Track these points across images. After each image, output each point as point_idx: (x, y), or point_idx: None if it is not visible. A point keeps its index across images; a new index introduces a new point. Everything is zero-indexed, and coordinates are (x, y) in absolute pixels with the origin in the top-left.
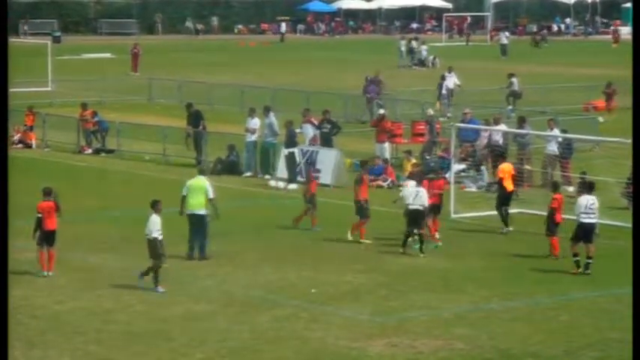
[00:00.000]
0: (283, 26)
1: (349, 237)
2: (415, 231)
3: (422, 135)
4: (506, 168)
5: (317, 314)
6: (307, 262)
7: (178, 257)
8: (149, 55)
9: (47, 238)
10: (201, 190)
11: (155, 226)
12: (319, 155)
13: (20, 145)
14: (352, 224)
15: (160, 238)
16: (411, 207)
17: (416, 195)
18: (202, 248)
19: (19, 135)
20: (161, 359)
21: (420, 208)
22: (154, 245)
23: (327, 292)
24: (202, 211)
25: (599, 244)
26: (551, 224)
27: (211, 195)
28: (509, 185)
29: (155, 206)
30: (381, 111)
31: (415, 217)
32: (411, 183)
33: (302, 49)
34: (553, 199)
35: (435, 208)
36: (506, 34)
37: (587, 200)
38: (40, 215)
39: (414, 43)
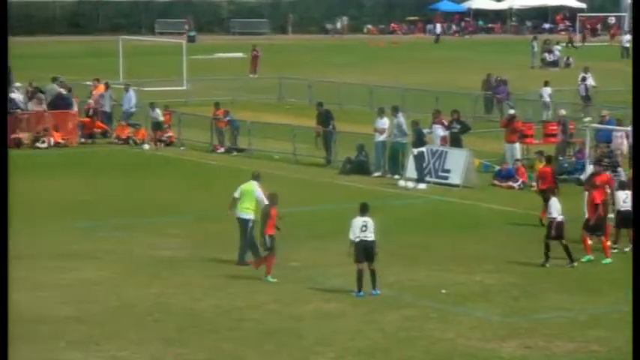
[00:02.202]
0: (438, 27)
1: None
2: (551, 242)
3: (554, 136)
4: None
5: (447, 314)
6: (437, 262)
7: (306, 258)
8: (279, 55)
9: (272, 242)
10: (250, 195)
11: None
12: (448, 155)
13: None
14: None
15: (355, 240)
16: (550, 217)
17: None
18: (242, 253)
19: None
20: (292, 357)
21: (560, 218)
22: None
23: (458, 292)
24: (247, 216)
25: None
26: None
27: (262, 202)
28: None
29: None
30: (512, 111)
31: (559, 228)
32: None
33: (431, 48)
34: None
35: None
36: (627, 37)
37: None
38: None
39: (549, 44)
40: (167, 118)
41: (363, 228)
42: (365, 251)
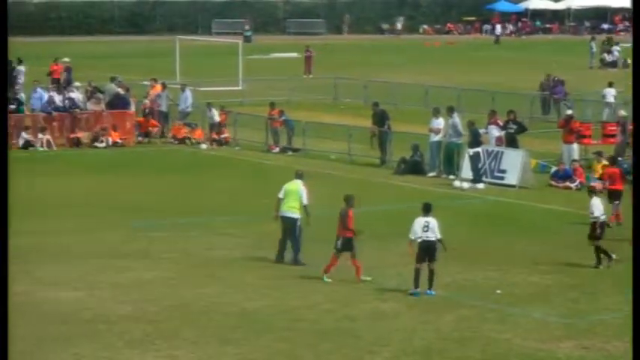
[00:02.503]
0: (498, 28)
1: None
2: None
3: (613, 136)
4: None
5: (504, 315)
6: (493, 263)
7: (360, 258)
8: (334, 55)
9: (345, 244)
10: (295, 194)
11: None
12: (504, 156)
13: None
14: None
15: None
16: (593, 217)
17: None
18: (296, 253)
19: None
20: (348, 357)
21: (602, 218)
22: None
23: (514, 293)
24: (295, 215)
25: None
26: None
27: (305, 201)
28: None
29: (426, 209)
30: (569, 111)
31: (603, 228)
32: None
33: (488, 49)
34: None
35: None
36: None
37: None
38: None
39: (609, 44)
40: (223, 118)
41: (424, 228)
42: (426, 251)
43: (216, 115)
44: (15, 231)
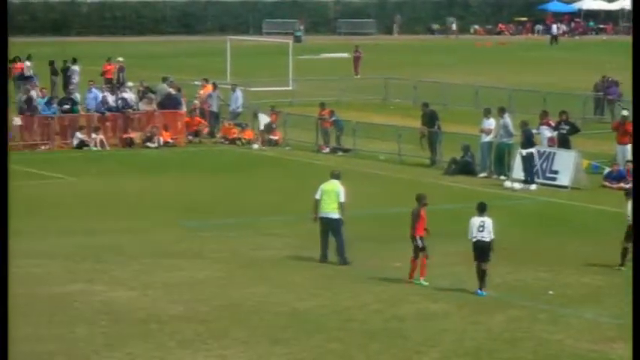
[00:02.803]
0: (554, 28)
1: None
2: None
3: None
4: None
5: (555, 316)
6: (544, 264)
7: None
8: (384, 55)
9: (419, 244)
10: (333, 194)
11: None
12: (556, 156)
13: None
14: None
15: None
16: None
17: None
18: (341, 253)
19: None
20: (398, 358)
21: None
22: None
23: (565, 294)
24: (335, 215)
25: None
26: None
27: (342, 199)
28: None
29: (481, 209)
30: (625, 112)
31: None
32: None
33: (540, 49)
34: None
35: None
36: None
37: None
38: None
39: None
40: (274, 118)
41: (480, 228)
42: (480, 251)
43: (265, 118)
44: (68, 230)
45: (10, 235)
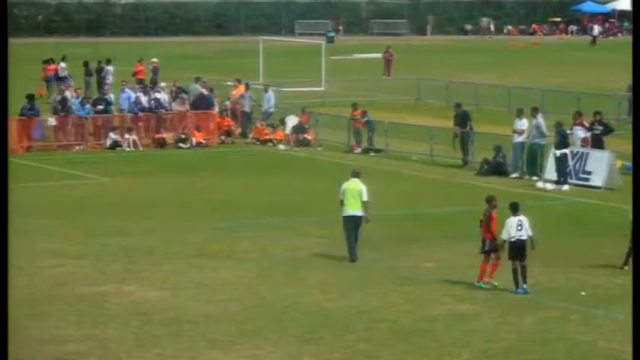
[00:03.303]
0: (596, 29)
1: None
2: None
3: None
4: None
5: (587, 317)
6: (576, 264)
7: (440, 259)
8: (417, 56)
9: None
10: (355, 192)
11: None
12: (590, 157)
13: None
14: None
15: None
16: None
17: None
18: (353, 250)
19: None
20: (428, 358)
21: None
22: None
23: (598, 295)
24: (360, 213)
25: None
26: None
27: (365, 198)
28: None
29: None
30: None
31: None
32: None
33: (575, 49)
34: None
35: None
36: None
37: None
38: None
39: None
40: (305, 118)
41: (518, 227)
42: (519, 250)
43: (294, 119)
44: (99, 230)
45: (41, 234)
